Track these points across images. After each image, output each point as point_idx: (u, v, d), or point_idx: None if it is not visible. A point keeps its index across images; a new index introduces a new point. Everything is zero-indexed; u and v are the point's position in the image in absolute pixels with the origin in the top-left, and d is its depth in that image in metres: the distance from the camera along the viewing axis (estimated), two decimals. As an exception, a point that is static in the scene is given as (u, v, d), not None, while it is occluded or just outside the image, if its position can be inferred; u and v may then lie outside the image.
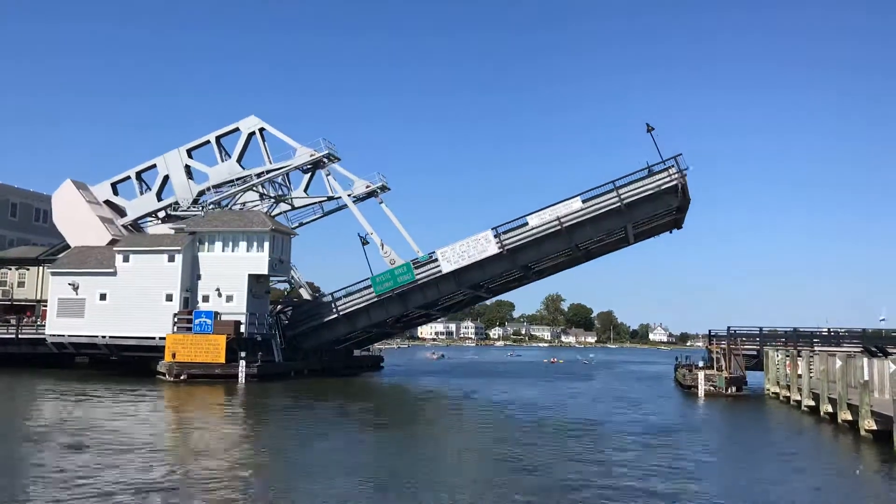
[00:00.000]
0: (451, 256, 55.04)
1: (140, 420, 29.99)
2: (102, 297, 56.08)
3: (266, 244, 55.64)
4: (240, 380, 49.33)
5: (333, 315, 58.80)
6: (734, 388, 47.61)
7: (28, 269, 64.99)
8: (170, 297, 54.86)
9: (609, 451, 23.58)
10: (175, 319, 53.94)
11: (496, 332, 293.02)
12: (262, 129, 62.50)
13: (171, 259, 55.42)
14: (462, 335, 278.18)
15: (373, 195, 63.66)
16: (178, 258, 55.25)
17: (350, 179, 63.70)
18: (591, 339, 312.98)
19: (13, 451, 21.28)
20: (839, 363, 31.67)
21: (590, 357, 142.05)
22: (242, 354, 50.80)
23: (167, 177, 63.90)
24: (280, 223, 60.64)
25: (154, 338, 54.14)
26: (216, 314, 53.46)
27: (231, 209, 62.35)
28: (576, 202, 53.55)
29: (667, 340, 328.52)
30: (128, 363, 57.49)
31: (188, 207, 63.09)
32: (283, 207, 65.49)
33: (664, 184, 51.83)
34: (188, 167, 63.65)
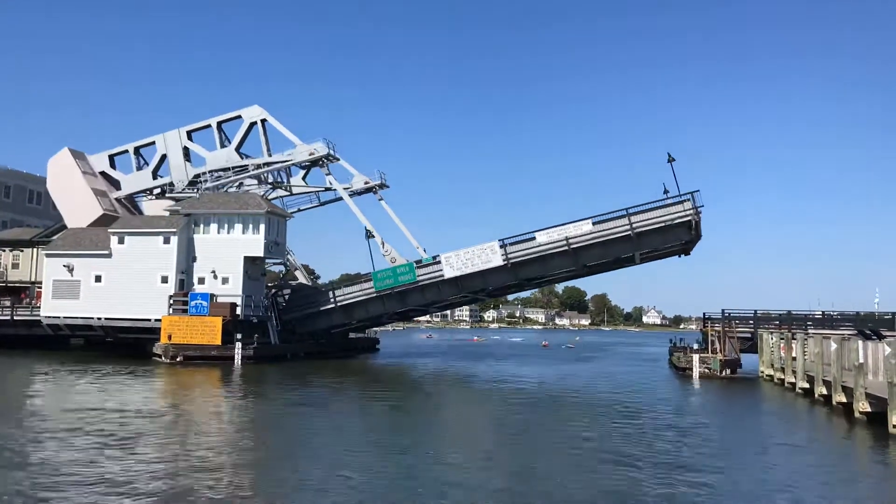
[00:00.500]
0: (455, 262, 55.38)
1: (138, 402, 30.00)
2: (98, 279, 55.96)
3: (262, 226, 55.53)
4: (236, 362, 49.38)
5: (331, 305, 59.02)
6: (729, 371, 47.87)
7: (22, 251, 64.77)
8: (165, 279, 54.79)
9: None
10: (171, 301, 53.86)
11: (490, 315, 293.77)
12: (265, 120, 62.22)
13: (167, 241, 55.29)
14: (456, 318, 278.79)
15: (371, 191, 63.69)
16: (174, 240, 55.13)
17: (350, 173, 63.94)
18: (585, 322, 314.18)
19: (8, 436, 21.30)
20: (834, 346, 31.89)
21: (575, 339, 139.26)
22: (238, 336, 50.84)
23: (165, 156, 63.70)
24: (276, 206, 60.48)
25: (150, 319, 54.11)
26: (212, 296, 53.41)
27: (227, 191, 62.16)
28: (586, 225, 53.80)
29: (660, 323, 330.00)
30: (123, 345, 57.46)
31: (183, 189, 62.91)
32: (281, 193, 65.38)
33: (678, 218, 52.05)
34: (186, 149, 63.40)
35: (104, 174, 65.02)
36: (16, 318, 59.62)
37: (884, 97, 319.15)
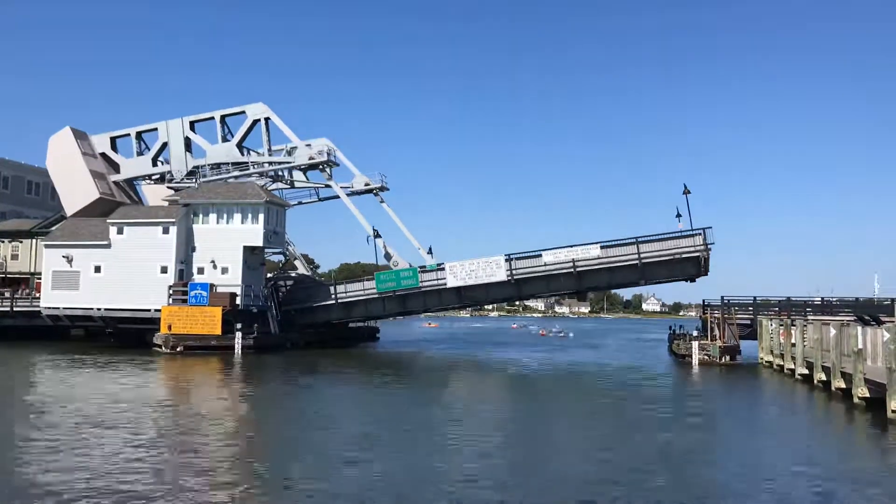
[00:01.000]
0: (459, 273, 55.72)
1: (143, 391, 30.08)
2: (97, 270, 55.98)
3: (261, 216, 55.49)
4: (236, 351, 49.47)
5: (331, 301, 59.13)
6: (728, 357, 48.01)
7: (21, 242, 64.78)
8: (165, 269, 54.81)
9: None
10: (170, 291, 53.89)
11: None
12: (268, 119, 62.12)
13: (166, 231, 55.28)
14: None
15: (371, 192, 63.78)
16: (173, 230, 55.11)
17: (351, 172, 64.08)
18: (585, 310, 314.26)
19: (13, 425, 21.35)
20: (833, 332, 31.92)
21: (560, 330, 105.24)
22: (238, 326, 50.90)
23: (166, 144, 63.67)
24: (275, 195, 60.42)
25: (149, 310, 54.14)
26: (211, 286, 53.43)
27: (226, 181, 62.06)
28: (594, 249, 54.12)
29: (660, 310, 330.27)
30: (124, 335, 57.50)
31: (181, 180, 62.83)
32: (281, 185, 65.38)
33: (686, 252, 52.54)
34: (188, 140, 63.33)
35: (105, 156, 65.06)
36: (15, 310, 59.66)
37: (884, 85, 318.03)
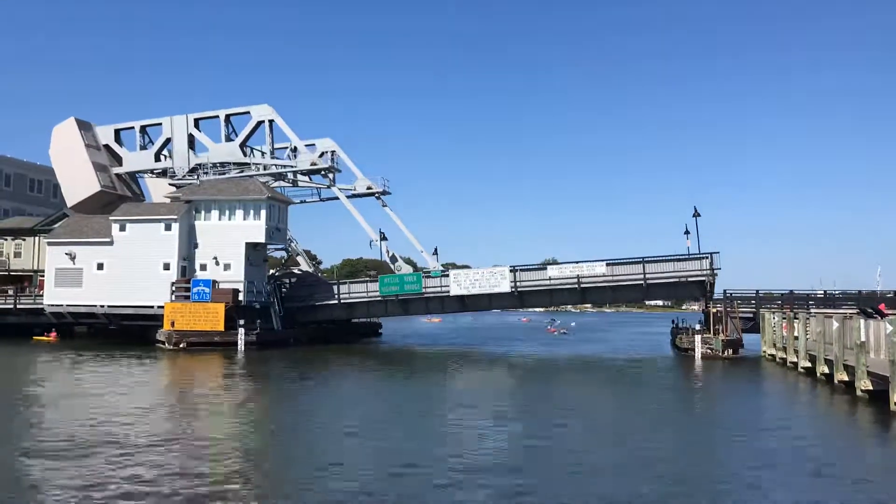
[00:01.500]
0: (463, 281, 56.22)
1: (152, 386, 30.17)
2: (100, 267, 56.09)
3: (263, 212, 55.54)
4: (239, 347, 49.57)
5: (333, 301, 59.24)
6: (731, 351, 48.00)
7: (24, 240, 64.93)
8: (167, 266, 54.90)
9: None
10: (173, 288, 54.01)
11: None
12: (272, 121, 62.22)
13: (168, 228, 55.36)
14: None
15: (373, 196, 63.91)
16: (175, 227, 55.19)
17: (354, 175, 64.37)
18: (588, 304, 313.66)
19: (20, 421, 21.42)
20: (836, 325, 31.91)
21: (563, 326, 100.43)
22: (241, 322, 51.00)
23: (169, 139, 63.78)
24: (276, 192, 60.45)
25: (152, 307, 54.29)
26: (214, 282, 53.55)
27: (228, 178, 62.13)
28: (599, 266, 54.62)
29: (662, 304, 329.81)
30: (127, 332, 57.67)
31: (183, 176, 62.94)
32: (283, 183, 65.51)
33: (692, 276, 52.89)
34: (192, 137, 63.46)
35: (108, 148, 65.34)
36: (19, 307, 59.91)
37: (890, 78, 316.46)
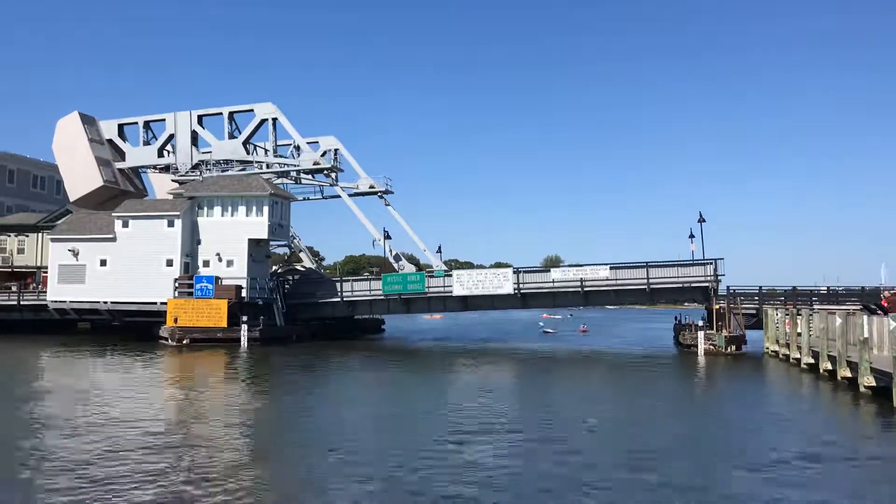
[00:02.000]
0: (466, 282, 56.32)
1: (148, 383, 30.23)
2: (103, 263, 56.21)
3: (265, 209, 55.59)
4: (242, 344, 49.66)
5: (336, 299, 59.35)
6: (734, 347, 47.97)
7: (27, 236, 65.11)
8: (170, 263, 54.99)
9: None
10: (176, 284, 54.09)
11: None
12: (276, 119, 62.23)
13: (171, 224, 55.43)
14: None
15: (376, 195, 64.02)
16: (178, 223, 55.25)
17: (357, 173, 64.42)
18: (591, 306, 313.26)
19: (22, 417, 21.47)
20: (839, 321, 31.84)
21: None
22: (244, 318, 51.07)
23: (172, 135, 63.85)
24: (279, 188, 60.47)
25: (155, 303, 54.39)
26: (217, 279, 53.62)
27: (231, 174, 62.17)
28: (603, 270, 54.84)
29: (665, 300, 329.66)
30: (130, 328, 57.80)
31: (186, 173, 62.99)
32: (285, 180, 65.55)
33: (695, 282, 53.10)
34: (195, 133, 63.51)
35: (111, 143, 65.52)
36: (22, 303, 60.07)
37: (886, 75, 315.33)
